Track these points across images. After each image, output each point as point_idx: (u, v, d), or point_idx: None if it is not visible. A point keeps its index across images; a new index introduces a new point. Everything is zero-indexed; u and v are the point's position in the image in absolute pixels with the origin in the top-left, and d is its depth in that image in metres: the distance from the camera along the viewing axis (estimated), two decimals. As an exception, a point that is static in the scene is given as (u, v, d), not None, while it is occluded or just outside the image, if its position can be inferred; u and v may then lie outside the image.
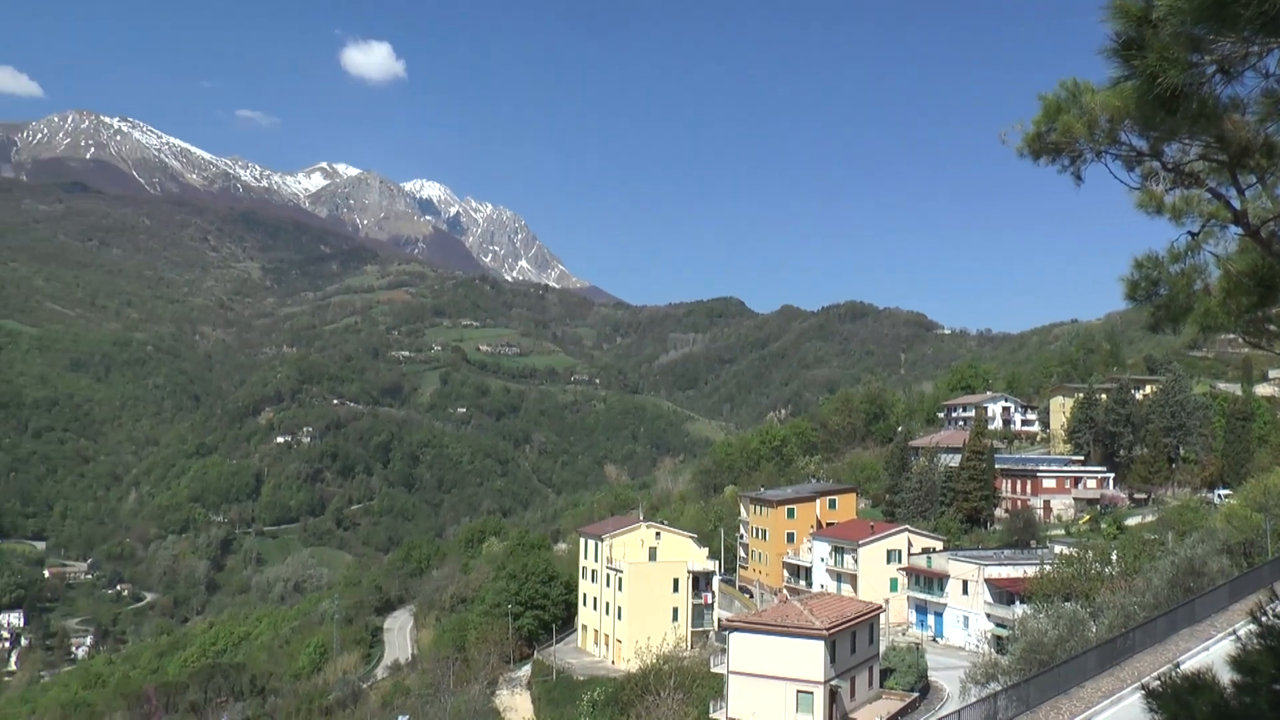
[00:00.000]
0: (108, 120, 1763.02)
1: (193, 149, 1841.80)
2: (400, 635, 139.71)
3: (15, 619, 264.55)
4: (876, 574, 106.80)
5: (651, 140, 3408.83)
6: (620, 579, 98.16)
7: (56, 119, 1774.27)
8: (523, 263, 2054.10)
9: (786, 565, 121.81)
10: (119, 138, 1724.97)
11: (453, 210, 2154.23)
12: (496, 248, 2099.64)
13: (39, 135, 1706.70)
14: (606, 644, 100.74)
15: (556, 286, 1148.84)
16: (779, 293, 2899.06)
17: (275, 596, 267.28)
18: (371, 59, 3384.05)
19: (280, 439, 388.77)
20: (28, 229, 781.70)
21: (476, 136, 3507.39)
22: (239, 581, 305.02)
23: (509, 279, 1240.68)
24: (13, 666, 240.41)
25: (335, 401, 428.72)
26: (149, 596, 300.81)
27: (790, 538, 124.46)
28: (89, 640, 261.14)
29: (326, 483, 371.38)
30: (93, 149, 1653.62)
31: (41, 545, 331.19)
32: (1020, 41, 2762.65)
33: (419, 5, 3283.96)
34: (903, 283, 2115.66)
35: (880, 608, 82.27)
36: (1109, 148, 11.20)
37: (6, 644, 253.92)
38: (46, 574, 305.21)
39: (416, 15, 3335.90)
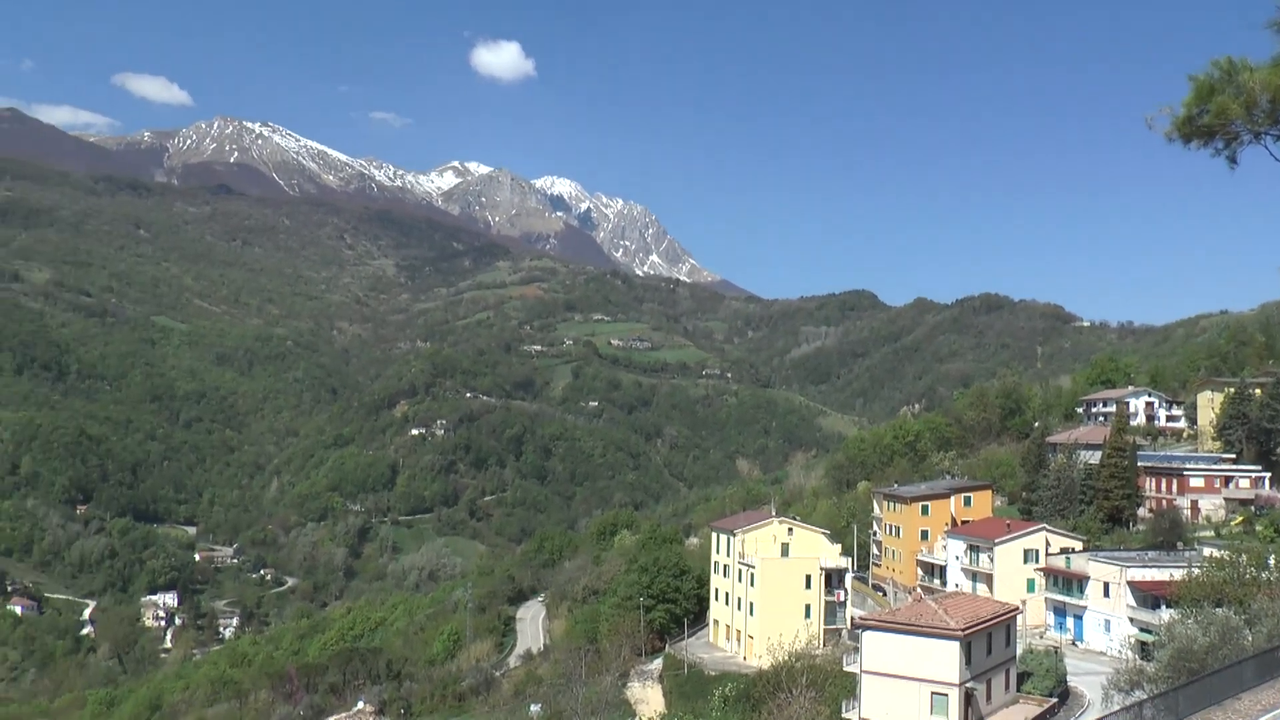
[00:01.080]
0: (250, 125, 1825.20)
1: (330, 151, 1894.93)
2: (532, 625, 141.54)
3: (170, 599, 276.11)
4: (1013, 574, 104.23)
5: (784, 133, 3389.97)
6: (752, 574, 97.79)
7: (204, 125, 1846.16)
8: (653, 257, 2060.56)
9: (920, 563, 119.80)
10: (260, 142, 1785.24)
11: (583, 206, 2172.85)
12: (627, 242, 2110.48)
13: (188, 141, 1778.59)
14: (738, 639, 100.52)
15: (687, 280, 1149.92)
16: (912, 285, 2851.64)
17: (410, 584, 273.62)
18: (501, 58, 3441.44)
19: (415, 431, 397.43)
20: (178, 230, 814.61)
21: (606, 132, 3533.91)
22: (375, 569, 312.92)
23: (640, 273, 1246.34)
24: (168, 644, 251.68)
25: (468, 395, 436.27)
26: (290, 581, 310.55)
27: (924, 535, 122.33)
28: (235, 621, 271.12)
29: (460, 474, 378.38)
30: (236, 153, 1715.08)
31: (192, 530, 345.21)
32: (1166, 26, 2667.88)
33: (548, 4, 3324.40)
34: (1039, 274, 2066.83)
35: (1017, 609, 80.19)
36: (1270, 128, 10.65)
37: (162, 622, 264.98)
38: (197, 558, 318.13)
39: (545, 14, 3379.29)
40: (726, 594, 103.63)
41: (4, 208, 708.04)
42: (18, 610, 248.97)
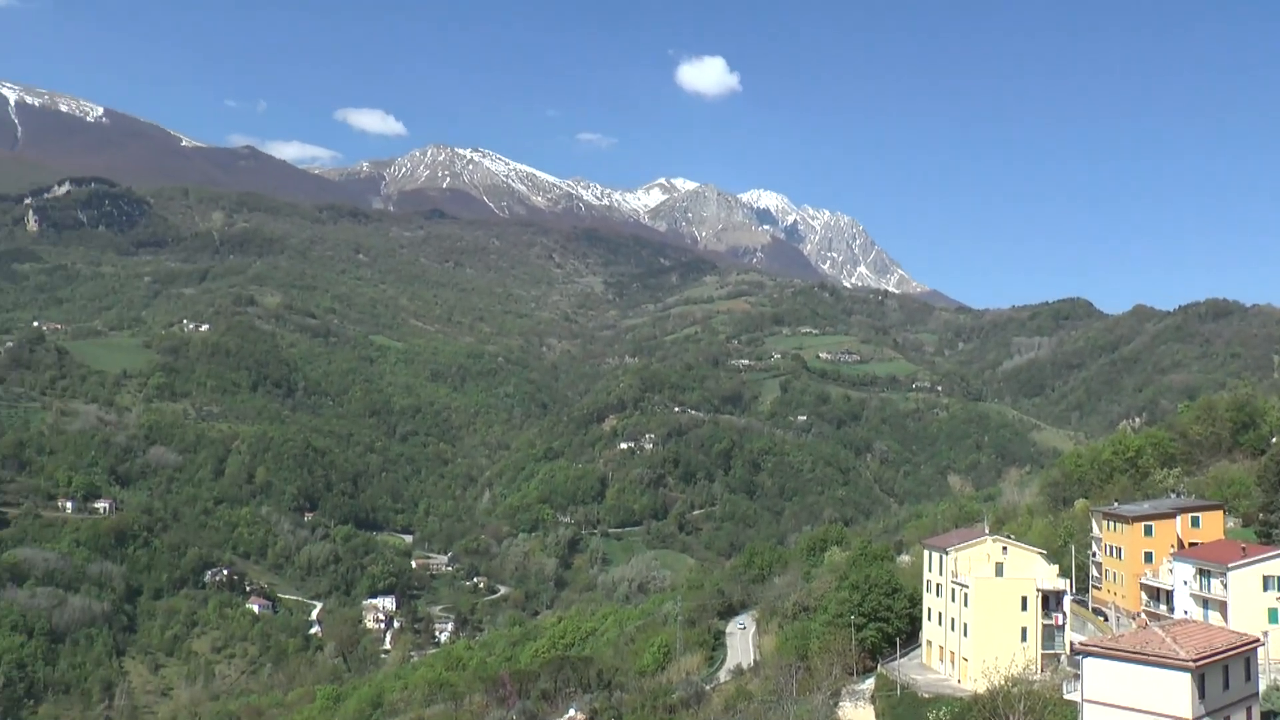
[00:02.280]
0: (461, 152, 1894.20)
1: (538, 173, 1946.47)
2: (742, 640, 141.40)
3: (389, 603, 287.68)
4: (1250, 602, 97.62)
5: (992, 140, 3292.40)
6: (966, 595, 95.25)
7: (418, 154, 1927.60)
8: (861, 268, 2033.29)
9: (1144, 587, 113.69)
10: (471, 167, 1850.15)
11: (790, 219, 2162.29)
12: (834, 254, 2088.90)
13: (403, 170, 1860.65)
14: (952, 661, 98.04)
15: (896, 292, 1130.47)
16: (1130, 292, 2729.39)
17: (620, 595, 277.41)
18: (706, 74, 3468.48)
19: (624, 445, 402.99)
20: (394, 254, 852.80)
21: (813, 143, 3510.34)
22: (585, 579, 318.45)
23: (847, 285, 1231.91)
24: (388, 645, 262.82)
25: (677, 409, 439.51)
26: (503, 589, 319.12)
27: (1148, 558, 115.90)
28: (450, 626, 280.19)
29: (669, 488, 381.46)
30: (448, 179, 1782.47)
31: (409, 538, 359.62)
32: None
33: (751, 19, 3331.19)
34: (1273, 277, 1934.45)
35: (1257, 641, 75.13)
36: None
37: (382, 624, 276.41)
38: (413, 564, 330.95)
39: (749, 28, 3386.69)
40: (939, 614, 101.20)
41: (242, 238, 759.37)
42: (255, 609, 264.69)
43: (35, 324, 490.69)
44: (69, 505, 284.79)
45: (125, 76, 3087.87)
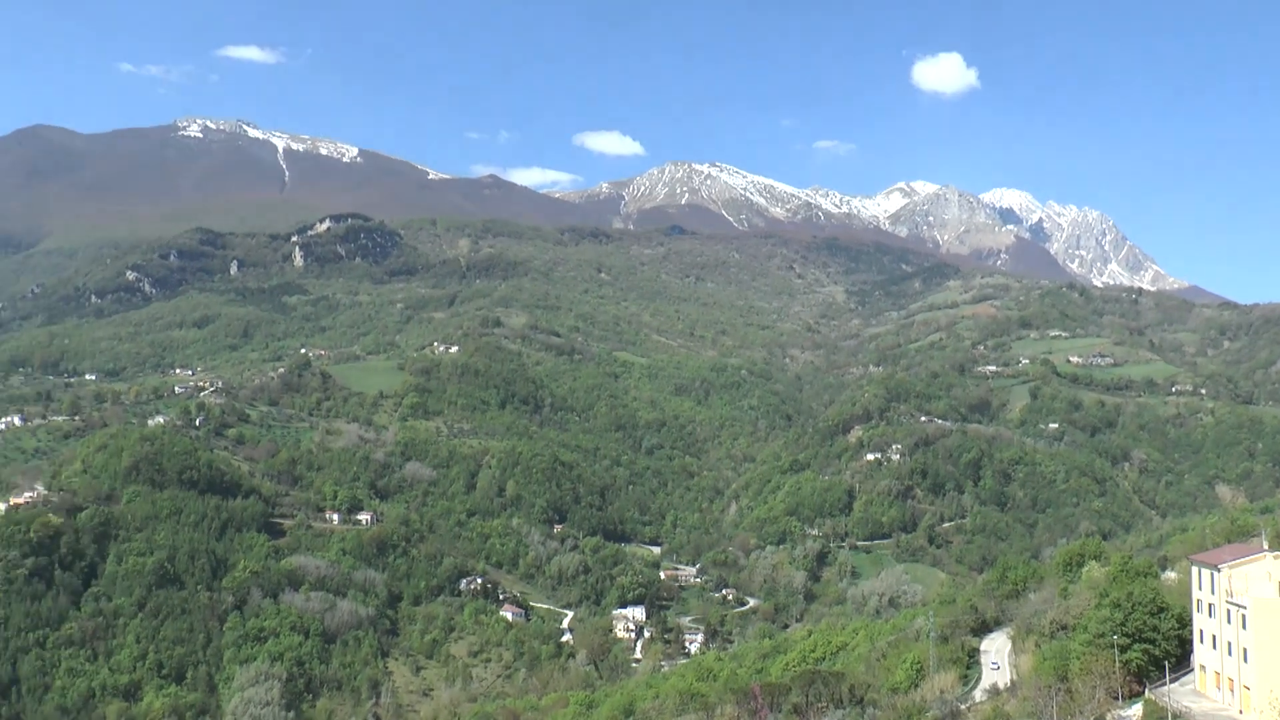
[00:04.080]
0: (698, 167, 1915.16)
1: (775, 184, 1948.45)
2: (997, 658, 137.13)
3: (639, 613, 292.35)
4: None
5: (1253, 122, 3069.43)
6: (1244, 616, 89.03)
7: (656, 172, 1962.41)
8: (1112, 266, 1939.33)
9: None
10: (709, 182, 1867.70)
11: (1035, 217, 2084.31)
12: (1083, 252, 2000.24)
13: (642, 189, 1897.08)
14: (1230, 689, 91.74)
15: (1151, 289, 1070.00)
16: None
17: (870, 610, 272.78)
18: (942, 72, 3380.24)
19: (870, 456, 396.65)
20: (635, 271, 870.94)
21: (1057, 138, 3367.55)
22: (834, 593, 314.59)
23: (1098, 284, 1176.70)
24: (638, 654, 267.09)
25: (923, 419, 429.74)
26: (751, 602, 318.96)
27: None
28: (699, 637, 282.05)
29: (917, 499, 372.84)
30: (686, 195, 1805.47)
31: (657, 550, 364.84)
32: None
33: (987, 11, 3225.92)
34: None
35: None
36: None
37: (632, 634, 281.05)
38: (662, 575, 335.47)
39: (985, 22, 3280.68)
40: (1213, 636, 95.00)
41: (488, 263, 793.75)
42: (509, 616, 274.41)
43: (303, 351, 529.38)
44: (335, 517, 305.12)
45: (376, 119, 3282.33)
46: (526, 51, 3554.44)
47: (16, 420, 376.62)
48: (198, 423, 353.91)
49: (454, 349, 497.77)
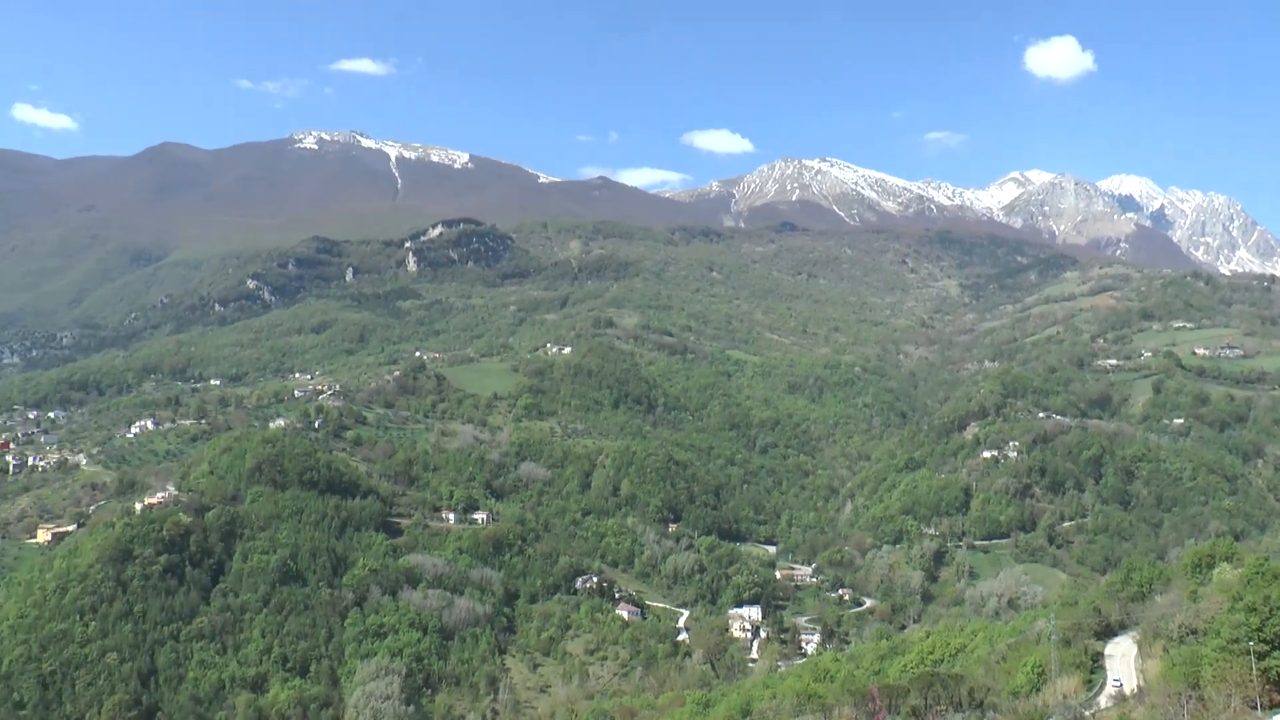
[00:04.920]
0: (809, 163, 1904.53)
1: (886, 178, 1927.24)
2: (1123, 663, 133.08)
3: (754, 613, 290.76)
4: None
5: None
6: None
7: (766, 169, 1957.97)
8: (1241, 252, 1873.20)
9: None
10: (819, 177, 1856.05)
11: (1156, 204, 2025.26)
12: (1209, 239, 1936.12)
13: (752, 186, 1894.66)
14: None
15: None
16: None
17: (989, 611, 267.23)
18: (1056, 56, 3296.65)
19: (986, 454, 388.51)
20: (747, 269, 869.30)
21: (1179, 120, 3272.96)
22: (952, 593, 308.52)
23: (1225, 272, 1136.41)
24: (754, 654, 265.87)
25: (1041, 415, 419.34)
26: (868, 602, 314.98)
27: None
28: (816, 637, 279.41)
29: (1036, 498, 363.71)
30: (797, 191, 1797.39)
31: (772, 549, 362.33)
32: None
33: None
34: None
35: None
36: None
37: (748, 634, 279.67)
38: (777, 575, 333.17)
39: (1099, 3, 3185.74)
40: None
41: (599, 264, 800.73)
42: (625, 615, 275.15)
43: (417, 354, 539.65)
44: (451, 517, 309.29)
45: (487, 125, 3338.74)
46: (635, 52, 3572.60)
47: (149, 424, 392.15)
48: (317, 425, 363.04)
49: (567, 350, 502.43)
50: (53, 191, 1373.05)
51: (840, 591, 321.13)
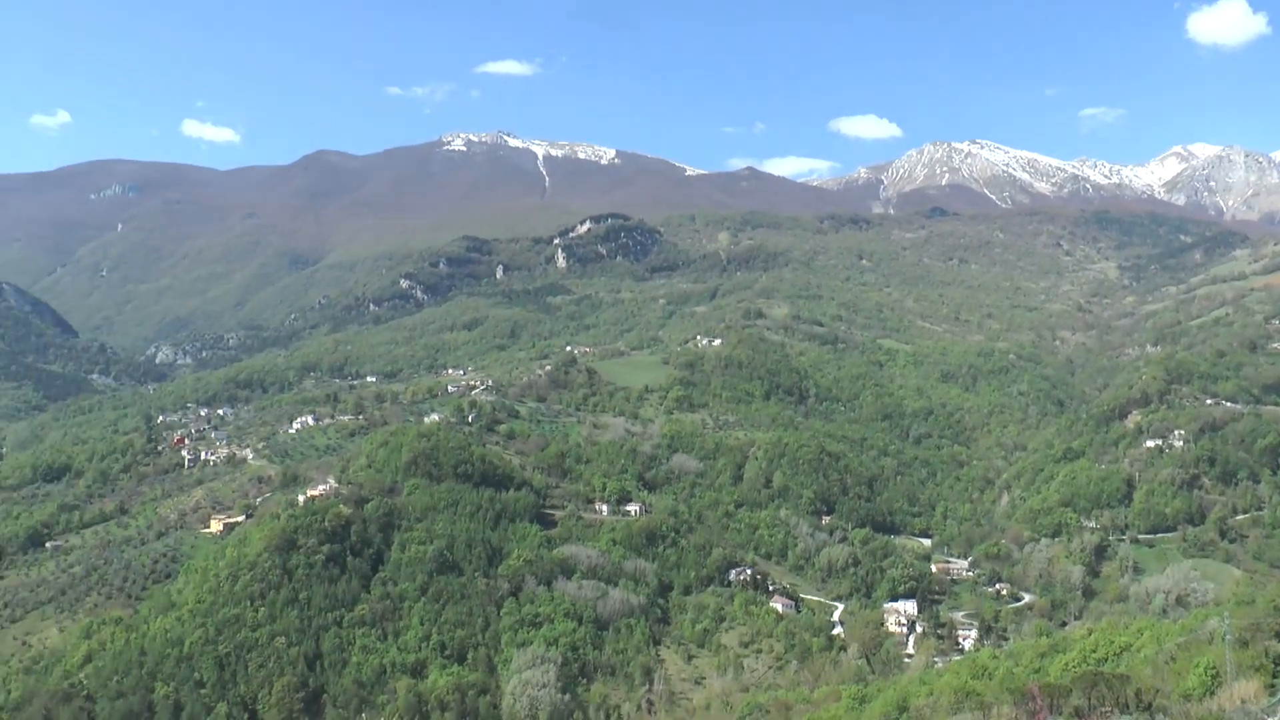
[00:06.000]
0: (958, 146, 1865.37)
1: (1039, 158, 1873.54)
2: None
3: (910, 608, 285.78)
4: None
5: None
6: None
7: (914, 154, 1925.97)
8: None
9: None
10: (969, 160, 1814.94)
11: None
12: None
13: (900, 171, 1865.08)
14: None
15: None
16: None
17: (1155, 609, 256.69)
18: (1221, 22, 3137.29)
19: (1150, 443, 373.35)
20: (897, 256, 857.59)
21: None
22: (1115, 590, 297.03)
23: None
24: (910, 649, 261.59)
25: (1209, 401, 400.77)
26: (1026, 597, 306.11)
27: None
28: (973, 633, 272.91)
29: (1205, 489, 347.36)
30: (946, 175, 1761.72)
31: (927, 542, 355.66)
32: None
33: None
34: None
35: None
36: None
37: (904, 628, 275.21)
38: (933, 569, 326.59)
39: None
40: None
41: (747, 255, 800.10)
42: (779, 608, 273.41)
43: (568, 349, 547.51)
44: (604, 508, 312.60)
45: (632, 120, 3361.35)
46: (778, 40, 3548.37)
47: (310, 420, 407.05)
48: (470, 419, 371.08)
49: (717, 342, 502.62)
50: (218, 201, 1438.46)
51: (997, 586, 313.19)
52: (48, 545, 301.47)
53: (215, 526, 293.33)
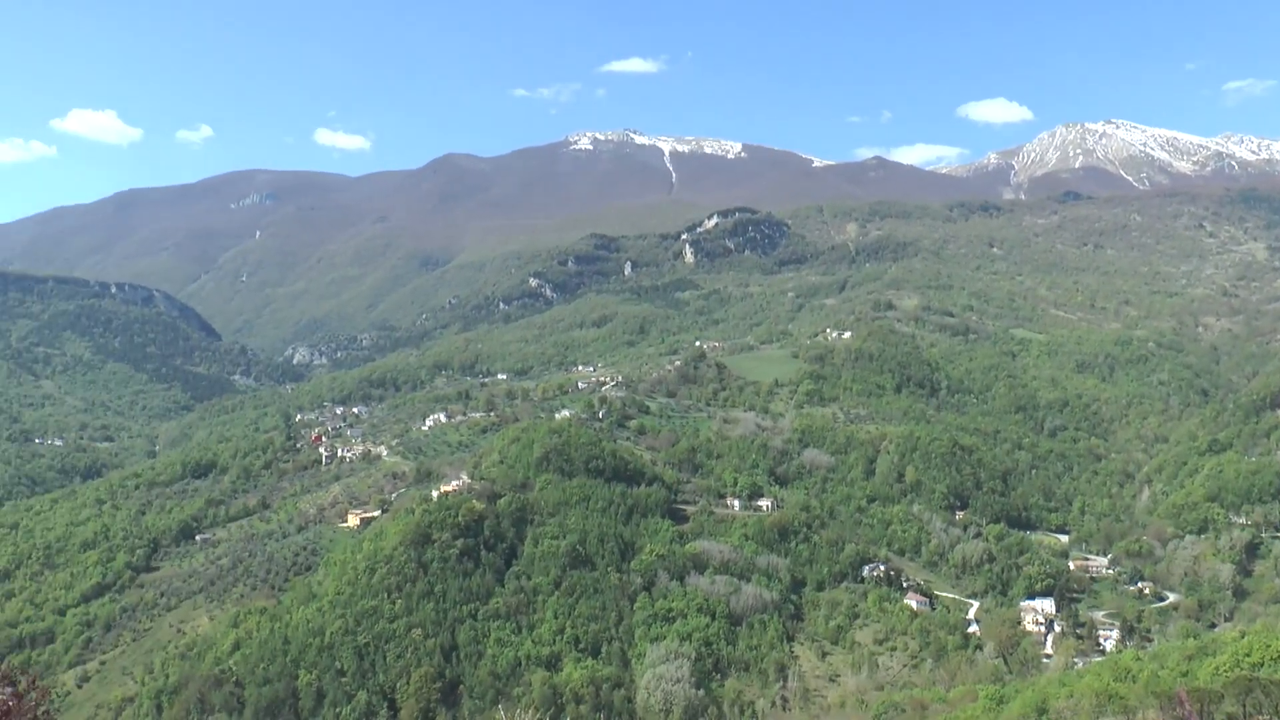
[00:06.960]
0: (1092, 126, 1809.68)
1: (1179, 135, 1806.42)
2: None
3: (1048, 606, 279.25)
4: None
5: None
6: None
7: (1046, 137, 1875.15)
8: None
9: None
10: (1104, 141, 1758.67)
11: None
12: None
13: (1031, 155, 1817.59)
14: None
15: None
16: None
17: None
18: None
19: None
20: (1028, 243, 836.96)
21: None
22: (1270, 590, 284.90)
23: None
24: (1048, 649, 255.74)
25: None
26: (1171, 597, 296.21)
27: None
28: (1114, 634, 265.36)
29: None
30: (1080, 157, 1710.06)
31: (1064, 538, 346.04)
32: None
33: None
34: None
35: None
36: None
37: (1041, 627, 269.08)
38: (1071, 566, 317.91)
39: None
40: None
41: (876, 246, 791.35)
42: (913, 605, 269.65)
43: (697, 344, 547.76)
44: (736, 503, 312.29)
45: (758, 113, 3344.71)
46: (904, 26, 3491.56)
47: (442, 417, 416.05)
48: (600, 415, 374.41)
49: (846, 334, 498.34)
50: (350, 206, 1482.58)
51: (1140, 585, 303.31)
52: (197, 538, 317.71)
53: (352, 521, 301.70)
